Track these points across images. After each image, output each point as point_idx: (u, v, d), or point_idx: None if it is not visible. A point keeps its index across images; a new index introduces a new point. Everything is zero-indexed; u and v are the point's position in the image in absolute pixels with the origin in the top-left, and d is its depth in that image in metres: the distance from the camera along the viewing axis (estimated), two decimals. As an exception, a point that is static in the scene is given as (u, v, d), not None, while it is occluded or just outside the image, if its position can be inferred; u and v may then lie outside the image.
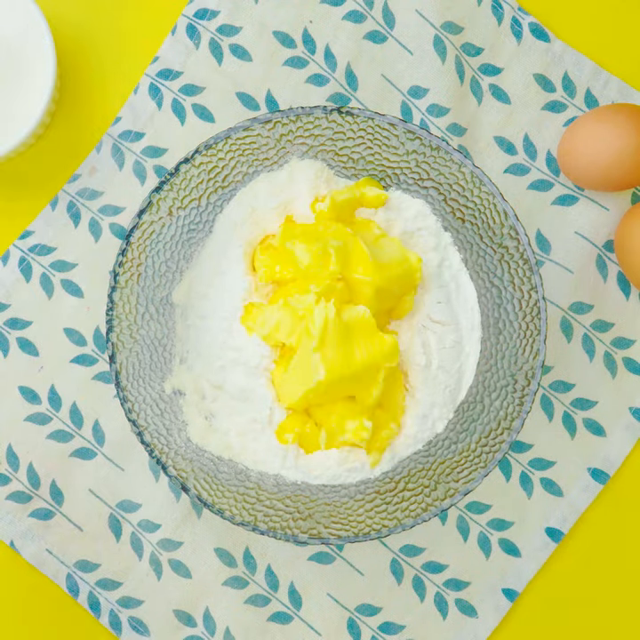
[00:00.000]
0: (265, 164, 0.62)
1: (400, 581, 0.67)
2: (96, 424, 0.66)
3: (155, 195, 0.59)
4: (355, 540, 0.59)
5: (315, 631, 0.66)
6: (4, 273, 0.67)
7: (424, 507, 0.60)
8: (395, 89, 0.68)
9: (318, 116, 0.60)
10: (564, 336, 0.68)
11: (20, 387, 0.67)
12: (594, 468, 0.67)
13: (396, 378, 0.62)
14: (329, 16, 0.67)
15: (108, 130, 0.67)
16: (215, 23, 0.67)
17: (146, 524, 0.66)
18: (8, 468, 0.66)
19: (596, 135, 0.63)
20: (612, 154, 0.63)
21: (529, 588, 0.68)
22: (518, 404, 0.60)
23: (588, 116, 0.65)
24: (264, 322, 0.60)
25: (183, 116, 0.67)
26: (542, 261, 0.68)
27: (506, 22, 0.68)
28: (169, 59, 0.67)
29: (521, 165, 0.68)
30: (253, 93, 0.67)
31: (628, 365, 0.68)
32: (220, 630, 0.66)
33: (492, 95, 0.68)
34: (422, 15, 0.67)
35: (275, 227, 0.63)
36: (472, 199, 0.61)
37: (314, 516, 0.60)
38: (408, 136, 0.60)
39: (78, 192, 0.67)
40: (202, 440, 0.62)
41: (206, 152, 0.60)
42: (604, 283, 0.68)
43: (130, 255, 0.59)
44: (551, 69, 0.68)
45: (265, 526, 0.59)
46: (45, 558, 0.66)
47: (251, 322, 0.61)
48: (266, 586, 0.67)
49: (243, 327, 0.61)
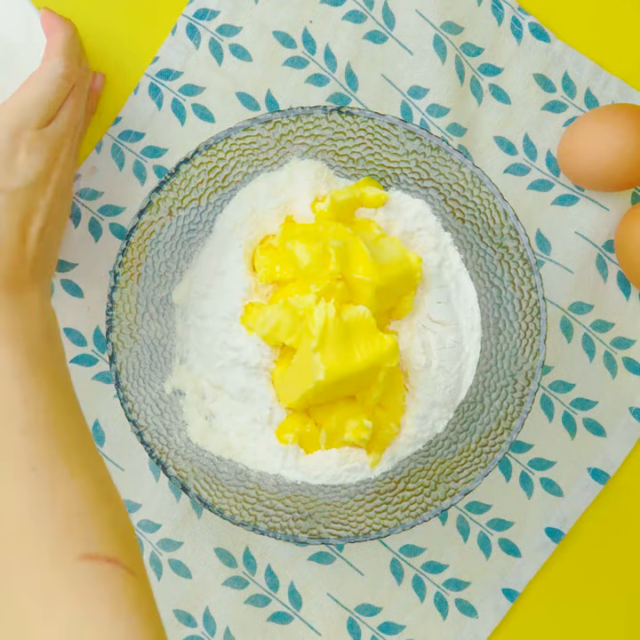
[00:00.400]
0: (265, 164, 0.62)
1: (400, 581, 0.67)
2: (96, 424, 0.66)
3: (155, 195, 0.59)
4: (355, 539, 0.59)
5: (315, 631, 0.66)
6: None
7: (424, 507, 0.60)
8: (395, 89, 0.68)
9: (318, 116, 0.60)
10: (563, 336, 0.68)
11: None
12: (594, 468, 0.67)
13: (396, 377, 0.62)
14: (329, 16, 0.67)
15: (108, 130, 0.67)
16: (215, 23, 0.67)
17: (146, 524, 0.66)
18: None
19: (596, 135, 0.63)
20: (611, 154, 0.63)
21: (529, 588, 0.68)
22: (518, 404, 0.60)
23: (588, 116, 0.65)
24: (264, 322, 0.60)
25: (183, 116, 0.67)
26: (542, 261, 0.68)
27: (506, 22, 0.68)
28: (169, 59, 0.67)
29: (521, 165, 0.68)
30: (253, 93, 0.67)
31: (627, 365, 0.68)
32: (220, 630, 0.66)
33: (491, 95, 0.68)
34: (422, 15, 0.67)
35: (275, 227, 0.63)
36: (472, 199, 0.61)
37: (314, 516, 0.60)
38: (408, 136, 0.60)
39: (78, 192, 0.67)
40: (202, 440, 0.62)
41: (206, 152, 0.60)
42: (603, 283, 0.68)
43: (130, 255, 0.59)
44: (551, 69, 0.68)
45: (265, 526, 0.59)
46: (45, 558, 0.66)
47: (251, 322, 0.61)
48: (266, 586, 0.67)
49: (243, 327, 0.61)
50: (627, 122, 0.63)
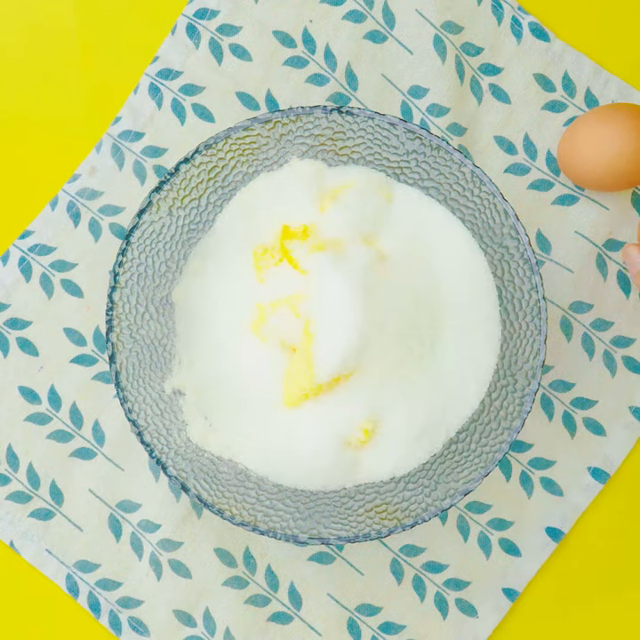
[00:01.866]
0: (265, 164, 0.62)
1: (400, 581, 0.67)
2: (96, 424, 0.66)
3: (155, 195, 0.59)
4: (355, 540, 0.58)
5: (315, 631, 0.66)
6: (4, 273, 0.67)
7: (424, 507, 0.59)
8: (395, 89, 0.68)
9: (318, 116, 0.60)
10: (563, 336, 0.68)
11: (19, 387, 0.66)
12: (594, 468, 0.67)
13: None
14: (329, 16, 0.67)
15: (107, 130, 0.67)
16: (215, 23, 0.67)
17: (146, 524, 0.66)
18: (8, 468, 0.66)
19: (596, 135, 0.63)
20: (611, 154, 0.63)
21: (529, 588, 0.68)
22: (518, 403, 0.59)
23: (588, 116, 0.65)
24: (264, 322, 0.60)
25: (183, 116, 0.67)
26: (542, 261, 0.68)
27: (506, 22, 0.68)
28: (169, 58, 0.67)
29: (521, 165, 0.68)
30: (253, 93, 0.67)
31: (627, 364, 0.68)
32: (220, 630, 0.66)
33: (492, 95, 0.68)
34: (422, 15, 0.67)
35: (274, 227, 0.62)
36: (472, 199, 0.61)
37: (314, 516, 0.60)
38: (408, 136, 0.60)
39: (78, 192, 0.67)
40: (202, 440, 0.62)
41: (206, 152, 0.60)
42: (603, 282, 0.68)
43: (130, 255, 0.59)
44: (551, 69, 0.68)
45: (265, 526, 0.59)
46: (45, 558, 0.66)
47: (251, 322, 0.61)
48: (266, 586, 0.66)
49: (242, 327, 0.61)
50: (626, 121, 0.63)
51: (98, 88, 0.68)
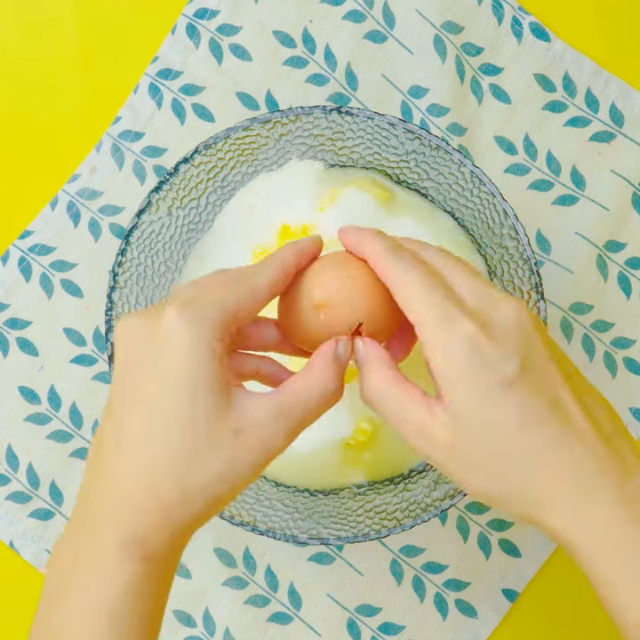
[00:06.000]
0: (265, 164, 0.62)
1: (400, 582, 0.67)
2: (96, 424, 0.66)
3: (154, 194, 0.59)
4: (354, 540, 0.58)
5: (315, 631, 0.66)
6: (4, 273, 0.67)
7: (424, 507, 0.59)
8: (395, 89, 0.68)
9: (318, 116, 0.60)
10: (564, 336, 0.67)
11: (19, 387, 0.66)
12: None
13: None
14: (329, 16, 0.67)
15: (107, 130, 0.67)
16: (215, 23, 0.67)
17: (145, 524, 0.66)
18: (7, 469, 0.66)
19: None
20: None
21: (529, 589, 0.68)
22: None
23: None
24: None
25: (183, 116, 0.67)
26: (542, 261, 0.68)
27: (506, 22, 0.68)
28: (169, 58, 0.67)
29: (521, 165, 0.68)
30: (253, 93, 0.67)
31: (628, 365, 0.68)
32: (220, 630, 0.66)
33: (492, 95, 0.68)
34: (422, 15, 0.67)
35: (274, 227, 0.62)
36: (472, 199, 0.61)
37: (313, 516, 0.60)
38: (408, 136, 0.60)
39: (78, 192, 0.67)
40: (201, 440, 0.62)
41: (206, 152, 0.60)
42: (604, 283, 0.68)
43: (129, 255, 0.59)
44: (551, 69, 0.68)
45: (264, 526, 0.59)
46: (45, 558, 0.66)
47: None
48: (266, 586, 0.66)
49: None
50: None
51: (98, 88, 0.68)
